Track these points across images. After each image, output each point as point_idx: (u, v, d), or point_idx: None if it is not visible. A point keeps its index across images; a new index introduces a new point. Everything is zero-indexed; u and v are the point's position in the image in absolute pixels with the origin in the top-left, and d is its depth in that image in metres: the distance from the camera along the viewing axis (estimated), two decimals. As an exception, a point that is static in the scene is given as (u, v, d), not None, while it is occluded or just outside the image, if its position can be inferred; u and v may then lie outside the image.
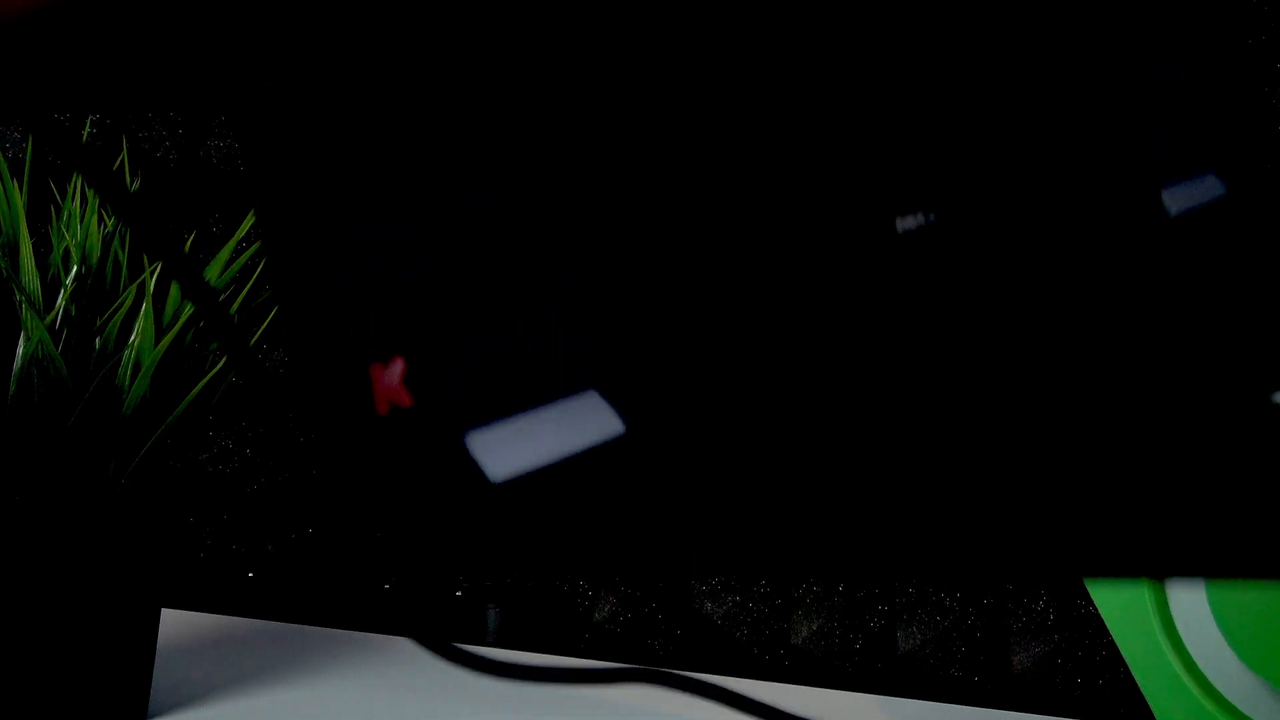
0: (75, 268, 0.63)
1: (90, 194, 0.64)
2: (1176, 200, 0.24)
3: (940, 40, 0.25)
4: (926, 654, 0.77)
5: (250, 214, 0.69)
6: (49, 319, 0.63)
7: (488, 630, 0.87)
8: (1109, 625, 0.62)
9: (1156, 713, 0.61)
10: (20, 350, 0.61)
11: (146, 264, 0.67)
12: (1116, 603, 0.61)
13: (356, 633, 0.82)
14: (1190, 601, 0.61)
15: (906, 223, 0.24)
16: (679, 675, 0.28)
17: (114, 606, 0.64)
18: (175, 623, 0.82)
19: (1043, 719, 0.70)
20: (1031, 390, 0.24)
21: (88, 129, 0.87)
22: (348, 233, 0.25)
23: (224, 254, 0.65)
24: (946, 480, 0.24)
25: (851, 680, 0.78)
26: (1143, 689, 0.61)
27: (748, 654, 0.80)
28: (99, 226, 0.65)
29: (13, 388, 0.61)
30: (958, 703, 0.74)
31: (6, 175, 0.63)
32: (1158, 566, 0.23)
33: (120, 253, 0.65)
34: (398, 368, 0.26)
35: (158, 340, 0.63)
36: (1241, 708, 0.59)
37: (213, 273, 0.65)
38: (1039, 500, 0.23)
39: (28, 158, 0.69)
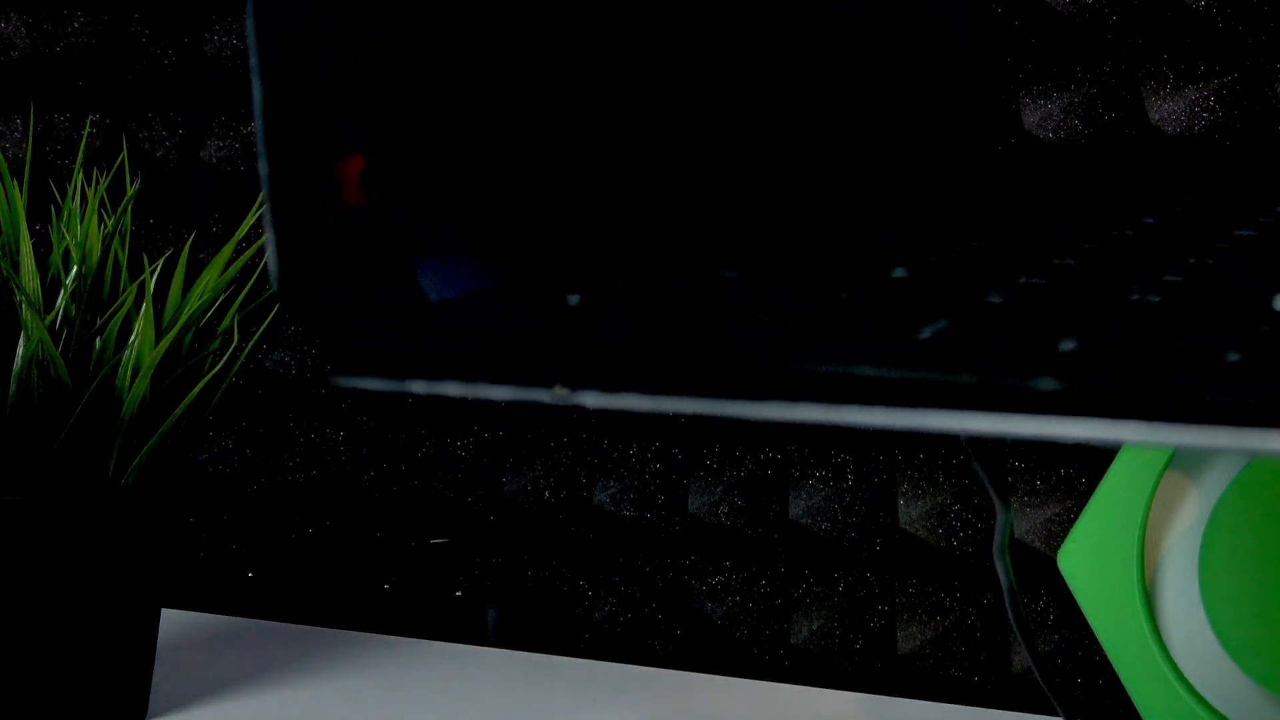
0: (75, 268, 0.63)
1: (90, 194, 0.64)
2: None
3: None
4: (926, 654, 0.77)
5: (250, 214, 0.69)
6: (49, 319, 0.63)
7: (488, 630, 0.87)
8: (1094, 628, 0.62)
9: (1144, 715, 0.61)
10: (20, 351, 0.61)
11: (146, 264, 0.67)
12: (1104, 606, 0.61)
13: (356, 633, 0.82)
14: (1182, 605, 0.61)
15: None
16: None
17: (114, 606, 0.64)
18: (175, 623, 0.82)
19: (1043, 719, 0.70)
20: None
21: (88, 129, 0.87)
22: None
23: (224, 254, 0.65)
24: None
25: (851, 680, 0.78)
26: (1129, 690, 0.61)
27: (748, 654, 0.80)
28: (99, 226, 0.65)
29: (13, 388, 0.61)
30: (958, 703, 0.74)
31: (6, 175, 0.63)
32: None
33: (120, 253, 0.65)
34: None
35: (157, 341, 0.63)
36: (1227, 712, 0.59)
37: (213, 273, 0.65)
38: None
39: (28, 158, 0.69)
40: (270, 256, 0.26)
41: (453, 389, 0.25)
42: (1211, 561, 0.59)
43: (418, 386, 0.26)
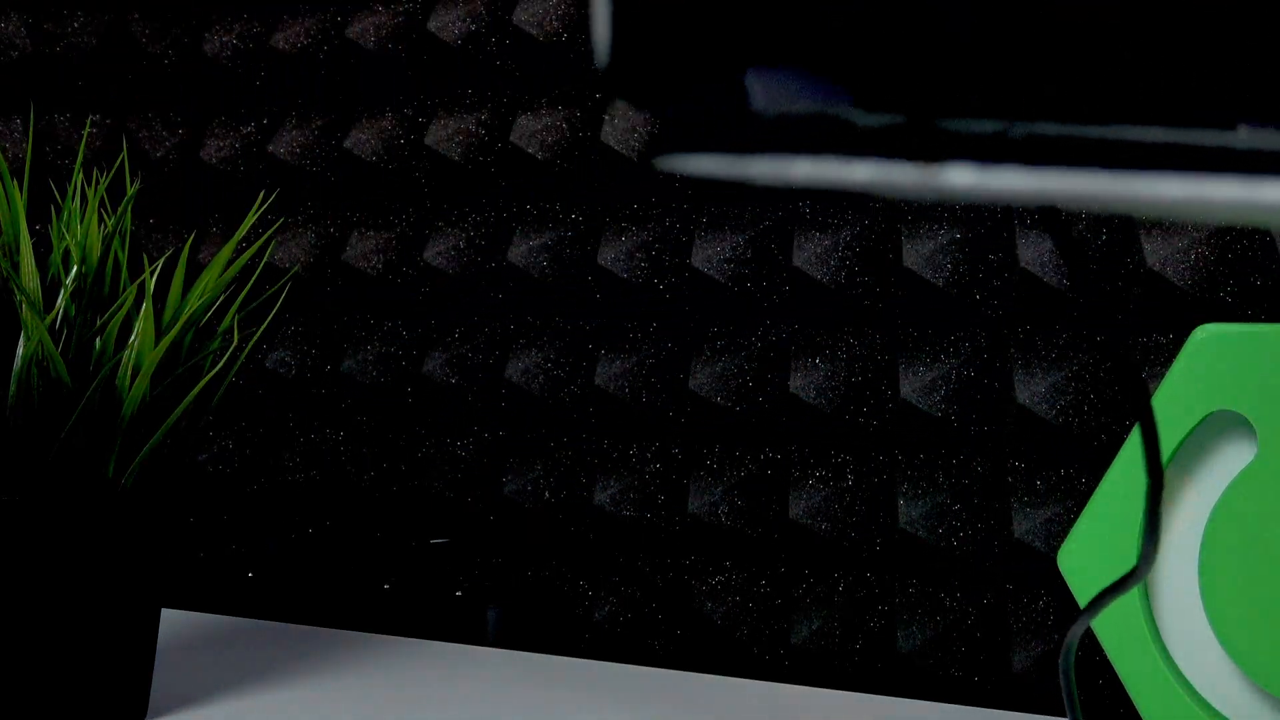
0: (75, 268, 0.63)
1: (90, 194, 0.64)
2: None
3: None
4: (926, 654, 0.77)
5: (250, 214, 0.69)
6: (49, 319, 0.63)
7: (488, 630, 0.87)
8: (1094, 628, 0.62)
9: (1144, 715, 0.61)
10: (20, 351, 0.61)
11: (146, 264, 0.67)
12: (1106, 609, 0.61)
13: (356, 633, 0.82)
14: (1182, 605, 0.61)
15: None
16: None
17: (114, 606, 0.64)
18: (175, 623, 0.82)
19: (1043, 719, 0.70)
20: None
21: (88, 129, 0.87)
22: None
23: (224, 254, 0.65)
24: None
25: (851, 680, 0.78)
26: (1129, 690, 0.61)
27: (748, 654, 0.80)
28: (99, 226, 0.65)
29: (13, 388, 0.61)
30: (958, 703, 0.74)
31: (6, 175, 0.63)
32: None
33: (120, 253, 0.65)
34: None
35: (157, 341, 0.63)
36: (1227, 713, 0.59)
37: (213, 273, 0.65)
38: None
39: (28, 158, 0.69)
40: (600, 26, 0.24)
41: (802, 167, 0.23)
42: (1211, 561, 0.59)
43: (760, 166, 0.24)
